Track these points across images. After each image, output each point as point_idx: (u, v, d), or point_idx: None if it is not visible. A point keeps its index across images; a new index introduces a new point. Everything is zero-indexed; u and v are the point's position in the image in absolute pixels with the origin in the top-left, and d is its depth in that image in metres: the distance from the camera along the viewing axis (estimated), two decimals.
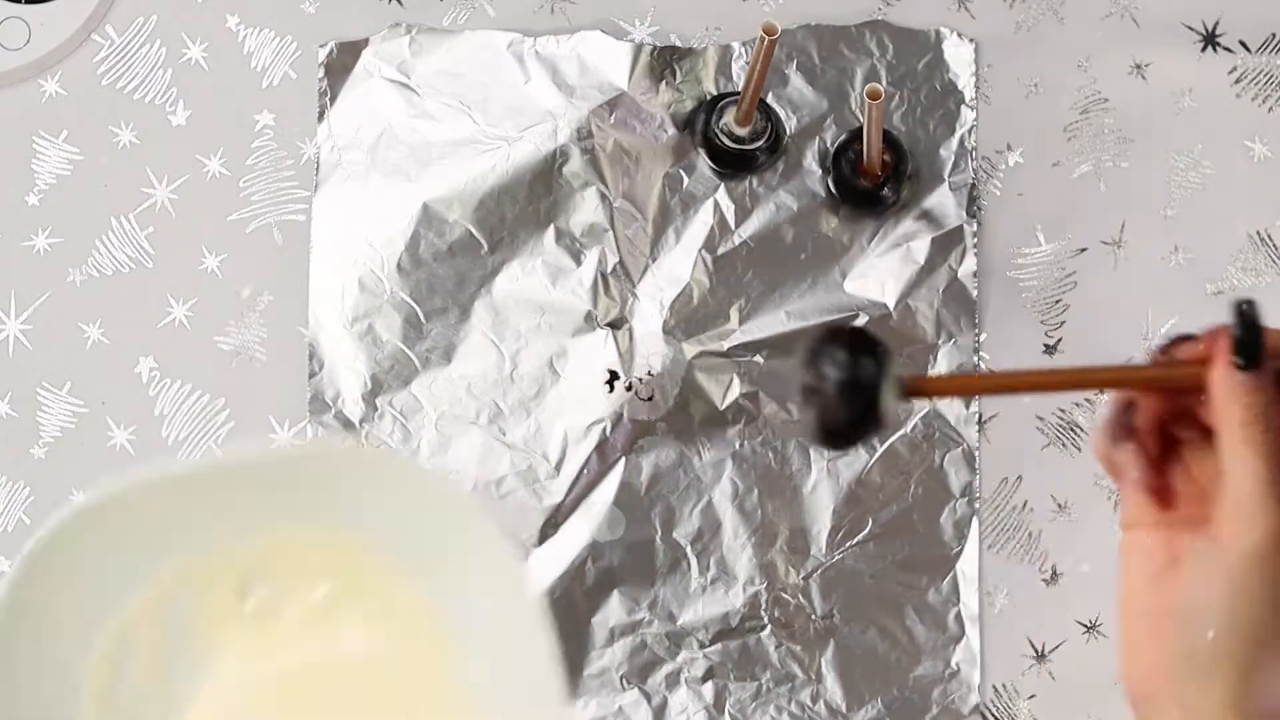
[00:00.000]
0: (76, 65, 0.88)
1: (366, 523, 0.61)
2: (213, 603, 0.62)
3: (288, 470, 0.61)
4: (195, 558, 0.61)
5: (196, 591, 0.61)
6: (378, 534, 0.62)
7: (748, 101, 0.82)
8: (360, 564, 0.62)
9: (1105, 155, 0.87)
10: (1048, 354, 0.86)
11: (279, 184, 0.87)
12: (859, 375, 0.52)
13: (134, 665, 0.60)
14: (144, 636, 0.60)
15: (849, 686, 0.84)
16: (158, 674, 0.61)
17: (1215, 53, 0.88)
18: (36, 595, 0.57)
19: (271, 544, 0.62)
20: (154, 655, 0.60)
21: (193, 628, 0.61)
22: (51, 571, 0.57)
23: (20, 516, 0.85)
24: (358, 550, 0.62)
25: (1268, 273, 0.87)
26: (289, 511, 0.61)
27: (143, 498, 0.59)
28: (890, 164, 0.85)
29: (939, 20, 0.88)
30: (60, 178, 0.87)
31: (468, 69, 0.87)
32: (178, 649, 0.61)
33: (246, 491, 0.60)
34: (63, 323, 0.86)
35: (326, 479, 0.61)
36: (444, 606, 0.62)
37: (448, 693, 0.62)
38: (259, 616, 0.62)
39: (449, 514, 0.60)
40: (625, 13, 0.88)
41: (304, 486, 0.61)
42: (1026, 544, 0.85)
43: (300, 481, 0.61)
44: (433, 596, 0.62)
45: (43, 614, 0.58)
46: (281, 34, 0.88)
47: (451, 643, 0.62)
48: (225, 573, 0.62)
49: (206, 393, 0.86)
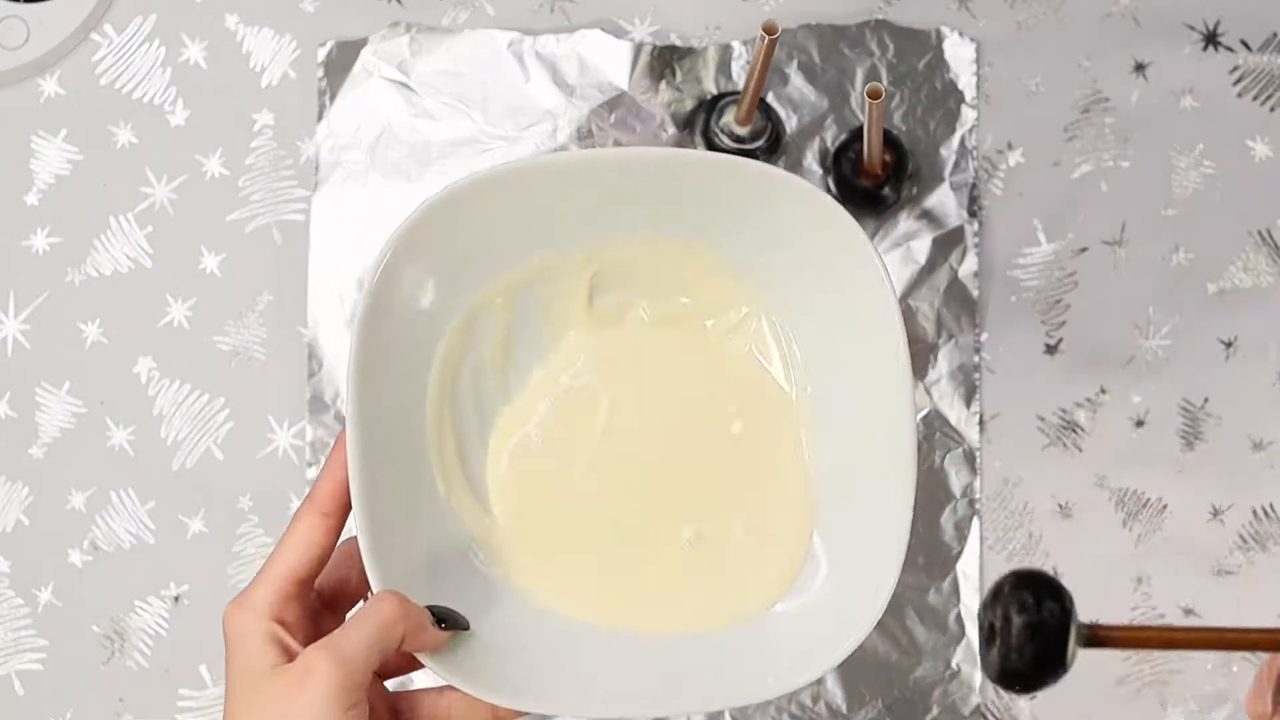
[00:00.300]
0: (75, 65, 0.88)
1: (736, 243, 0.65)
2: (564, 298, 0.66)
3: (671, 177, 0.63)
4: (560, 252, 0.65)
5: (552, 285, 0.66)
6: (745, 255, 0.65)
7: (748, 101, 0.82)
8: (714, 283, 0.66)
9: (1106, 155, 0.87)
10: (1048, 354, 0.86)
11: (278, 184, 0.87)
12: (1044, 619, 0.54)
13: (483, 341, 0.65)
14: (497, 318, 0.65)
15: (849, 687, 0.84)
16: (502, 354, 0.66)
17: (1216, 52, 0.88)
18: (412, 256, 0.61)
19: (635, 252, 0.66)
20: (502, 335, 0.65)
21: (541, 318, 0.66)
22: (428, 238, 0.61)
23: (19, 517, 0.85)
24: (717, 270, 0.66)
25: (1268, 272, 0.86)
26: (661, 219, 0.64)
27: (526, 181, 0.62)
28: (891, 163, 0.84)
29: (940, 20, 0.88)
30: (59, 177, 0.87)
31: (467, 68, 0.87)
32: (524, 335, 0.66)
33: (626, 193, 0.63)
34: (62, 322, 0.86)
35: (706, 192, 0.63)
36: (799, 334, 0.66)
37: (779, 409, 0.67)
38: (603, 317, 0.67)
39: (830, 233, 0.63)
40: (625, 12, 0.88)
41: (683, 198, 0.63)
42: (1027, 544, 0.85)
43: (681, 192, 0.63)
44: (791, 325, 0.66)
45: (414, 278, 0.62)
46: (281, 33, 0.88)
47: (798, 369, 0.67)
48: (583, 271, 0.66)
49: (206, 393, 0.86)
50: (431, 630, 0.58)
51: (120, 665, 0.85)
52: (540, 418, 0.67)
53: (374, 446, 0.60)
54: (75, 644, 0.85)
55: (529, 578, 0.65)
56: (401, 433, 0.63)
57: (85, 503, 0.85)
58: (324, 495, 0.60)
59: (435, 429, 0.64)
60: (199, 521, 0.85)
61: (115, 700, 0.85)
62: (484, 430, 0.66)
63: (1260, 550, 0.85)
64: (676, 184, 0.64)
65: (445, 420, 0.65)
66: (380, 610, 0.56)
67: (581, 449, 0.67)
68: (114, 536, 0.85)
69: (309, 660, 0.55)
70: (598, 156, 0.64)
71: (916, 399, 0.85)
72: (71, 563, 0.85)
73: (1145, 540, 0.85)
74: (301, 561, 0.59)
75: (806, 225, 0.64)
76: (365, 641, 0.55)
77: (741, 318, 0.68)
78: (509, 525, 0.66)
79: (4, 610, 0.85)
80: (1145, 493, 0.85)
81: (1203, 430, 0.86)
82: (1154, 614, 0.85)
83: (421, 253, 0.62)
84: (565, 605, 0.65)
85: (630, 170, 0.63)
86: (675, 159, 0.64)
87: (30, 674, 0.85)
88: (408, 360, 0.63)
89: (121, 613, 0.85)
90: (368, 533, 0.59)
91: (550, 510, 0.66)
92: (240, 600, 0.58)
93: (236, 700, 0.56)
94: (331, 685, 0.54)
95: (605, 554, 0.66)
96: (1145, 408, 0.86)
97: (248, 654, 0.56)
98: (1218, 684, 0.84)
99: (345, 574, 0.62)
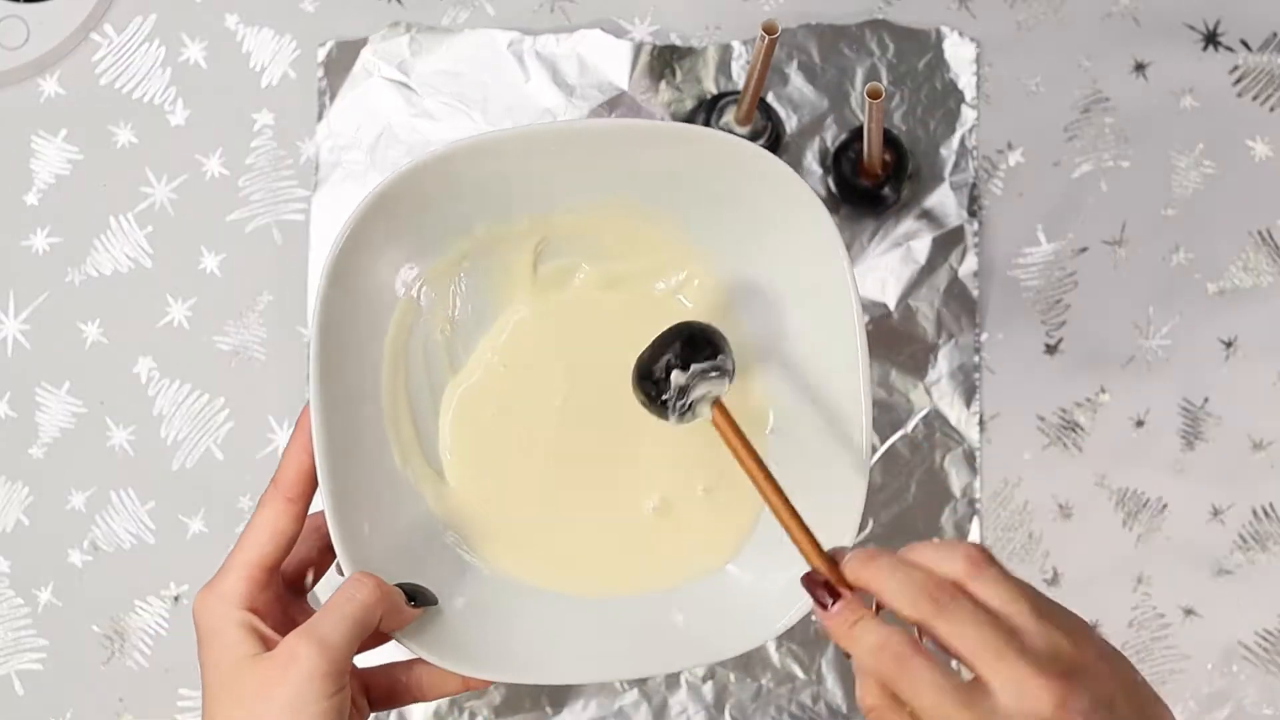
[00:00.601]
0: (75, 64, 0.88)
1: (680, 205, 0.66)
2: (510, 267, 0.67)
3: (611, 146, 0.64)
4: (503, 222, 0.66)
5: (498, 255, 0.67)
6: (689, 216, 0.66)
7: (748, 101, 0.82)
8: (659, 245, 0.67)
9: (1106, 155, 0.87)
10: (1048, 354, 0.86)
11: (278, 184, 0.87)
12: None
13: (432, 315, 0.66)
14: (445, 291, 0.66)
15: (849, 686, 0.84)
16: (450, 326, 0.67)
17: (1216, 52, 0.88)
18: (367, 239, 0.62)
19: (579, 219, 0.67)
20: (450, 308, 0.67)
21: (487, 288, 0.67)
22: (382, 220, 0.62)
23: (19, 517, 0.85)
24: (661, 232, 0.67)
25: (1268, 272, 0.86)
26: (603, 186, 0.66)
27: (474, 157, 0.63)
28: (891, 163, 0.84)
29: (940, 19, 0.88)
30: (59, 177, 0.87)
31: (467, 68, 0.87)
32: (471, 306, 0.67)
33: (569, 163, 0.64)
34: (62, 322, 0.86)
35: (647, 159, 0.64)
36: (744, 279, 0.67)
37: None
38: (548, 284, 0.68)
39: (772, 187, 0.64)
40: (625, 12, 0.88)
41: (624, 165, 0.65)
42: (1027, 544, 0.85)
43: (623, 160, 0.65)
44: (740, 284, 0.67)
45: (369, 259, 0.63)
46: (281, 33, 0.88)
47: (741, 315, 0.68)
48: (527, 240, 0.67)
49: (206, 392, 0.86)
50: (404, 609, 0.59)
51: (120, 665, 0.85)
52: (490, 388, 0.67)
53: (336, 428, 0.61)
54: (75, 644, 0.85)
55: (491, 549, 0.66)
56: (360, 412, 0.63)
57: (85, 503, 0.85)
58: (288, 480, 0.60)
59: (390, 404, 0.65)
60: (199, 521, 0.85)
61: (115, 700, 0.85)
62: (436, 402, 0.67)
63: (1260, 550, 0.85)
64: (618, 152, 0.64)
65: (400, 395, 0.65)
66: (358, 594, 0.56)
67: (535, 417, 0.67)
68: (114, 536, 0.85)
69: (292, 647, 0.55)
70: (541, 130, 0.65)
71: (917, 398, 0.85)
72: (71, 563, 0.85)
73: (1145, 540, 0.85)
74: (270, 549, 0.59)
75: (749, 184, 0.64)
76: (346, 626, 0.55)
77: (684, 278, 0.68)
78: (468, 498, 0.66)
79: (4, 610, 0.85)
80: (1145, 493, 0.85)
81: (1203, 430, 0.86)
82: (1154, 614, 0.85)
83: (375, 234, 0.63)
84: (527, 574, 0.65)
85: (573, 141, 0.64)
86: (614, 129, 0.65)
87: (30, 674, 0.85)
88: (364, 340, 0.64)
89: (121, 613, 0.85)
90: (336, 515, 0.60)
91: (508, 480, 0.67)
92: (211, 589, 0.58)
93: (217, 691, 0.56)
94: (316, 672, 0.54)
95: (565, 521, 0.67)
96: (1145, 408, 0.86)
97: (225, 644, 0.56)
98: (1217, 684, 0.85)
99: (306, 553, 0.62)
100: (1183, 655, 0.85)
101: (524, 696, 0.83)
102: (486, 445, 0.67)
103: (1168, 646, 0.85)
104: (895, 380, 0.85)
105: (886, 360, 0.85)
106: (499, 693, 0.83)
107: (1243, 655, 0.85)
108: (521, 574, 0.65)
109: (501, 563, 0.65)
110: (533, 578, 0.66)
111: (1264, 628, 0.85)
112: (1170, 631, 0.85)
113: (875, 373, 0.85)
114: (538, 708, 0.84)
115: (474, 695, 0.83)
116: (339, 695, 0.55)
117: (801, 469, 0.64)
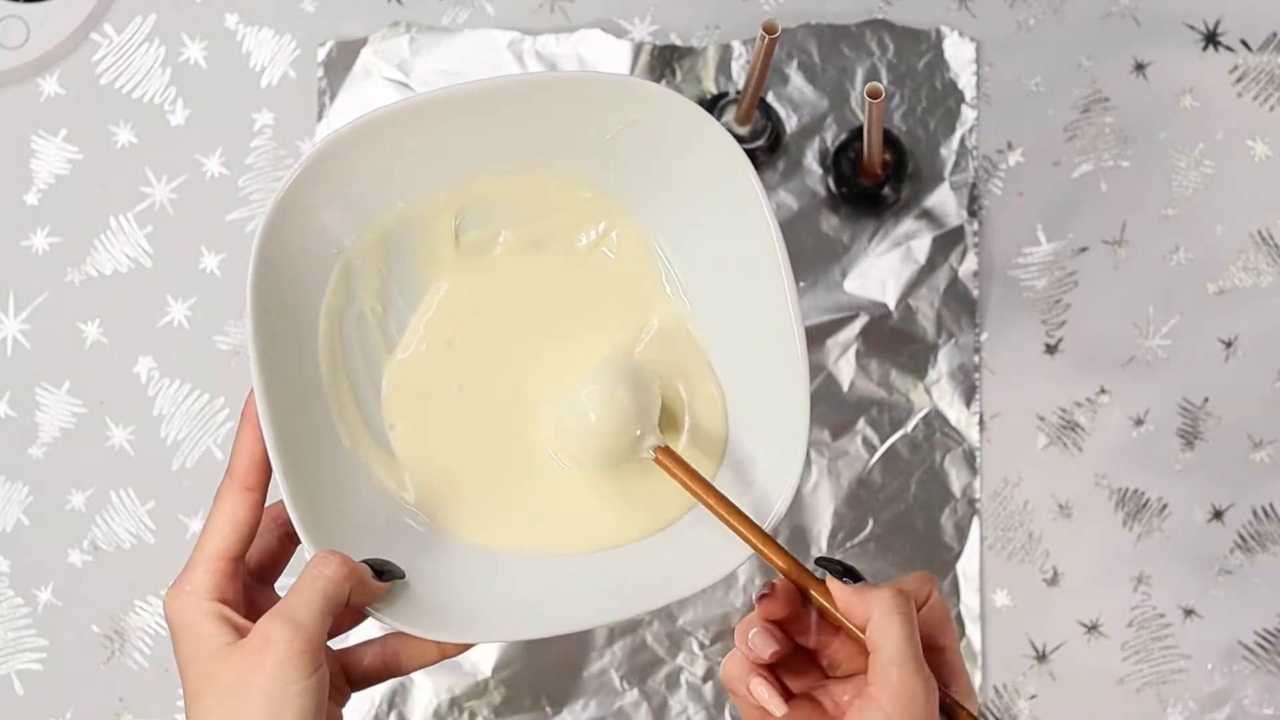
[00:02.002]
0: (75, 64, 0.88)
1: (594, 158, 0.66)
2: (431, 240, 0.67)
3: (517, 103, 0.65)
4: (421, 194, 0.66)
5: (419, 229, 0.67)
6: (605, 169, 0.67)
7: (748, 100, 0.82)
8: (576, 201, 0.68)
9: (1106, 154, 0.87)
10: (1048, 354, 0.86)
11: (278, 184, 0.87)
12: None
13: (361, 293, 0.66)
14: (371, 269, 0.66)
15: None
16: (380, 303, 0.67)
17: (1216, 51, 0.88)
18: (291, 220, 0.63)
19: (495, 183, 0.67)
20: (377, 286, 0.67)
21: (411, 264, 0.67)
22: (303, 200, 0.63)
23: (19, 516, 0.85)
24: (577, 188, 0.67)
25: (1268, 272, 0.86)
26: (515, 147, 0.66)
27: (384, 129, 0.63)
28: (891, 163, 0.84)
29: (939, 19, 0.88)
30: (59, 177, 0.87)
31: (467, 68, 0.87)
32: (398, 282, 0.67)
33: (479, 126, 0.65)
34: (61, 322, 0.86)
35: (555, 114, 0.65)
36: (664, 232, 0.68)
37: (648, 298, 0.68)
38: (471, 253, 0.68)
39: (676, 125, 0.64)
40: (625, 11, 0.88)
41: (533, 123, 0.65)
42: (1027, 544, 0.85)
43: (531, 117, 0.65)
44: (653, 225, 0.68)
45: (293, 240, 0.63)
46: (280, 33, 0.88)
47: (663, 265, 0.68)
48: (446, 211, 0.67)
49: (206, 392, 0.86)
50: (372, 583, 0.59)
51: (120, 665, 0.85)
52: (428, 362, 0.68)
53: (282, 413, 0.61)
54: (75, 644, 0.85)
55: (449, 518, 0.66)
56: (303, 395, 0.64)
57: (85, 503, 0.85)
58: (242, 469, 0.60)
59: (331, 385, 0.65)
60: (199, 521, 0.85)
61: (115, 700, 0.85)
62: (376, 382, 0.67)
63: (1260, 550, 0.85)
64: (525, 110, 0.65)
65: (340, 377, 0.66)
66: (325, 570, 0.57)
67: (474, 386, 0.68)
68: (114, 536, 0.85)
69: (265, 630, 0.54)
70: (445, 94, 0.64)
71: (917, 398, 0.85)
72: (71, 563, 0.85)
73: (1145, 540, 0.85)
74: (232, 540, 0.59)
75: (666, 131, 0.65)
76: (317, 603, 0.55)
77: (603, 230, 0.68)
78: (419, 471, 0.67)
79: (4, 610, 0.85)
80: (1145, 493, 0.85)
81: (1203, 430, 0.86)
82: (1154, 614, 0.85)
83: (298, 214, 0.63)
84: (488, 538, 0.66)
85: (480, 102, 0.64)
86: (516, 85, 0.65)
87: (30, 674, 0.85)
88: (298, 323, 0.64)
89: (121, 613, 0.85)
90: (294, 498, 0.60)
91: (456, 451, 0.67)
92: (179, 586, 0.58)
93: (196, 683, 0.56)
94: (292, 652, 0.54)
95: (516, 485, 0.67)
96: (1145, 408, 0.86)
97: (198, 637, 0.56)
98: (1217, 684, 0.84)
99: (268, 543, 0.62)
100: (1183, 655, 0.85)
101: (524, 696, 0.84)
102: (430, 419, 0.67)
103: (1168, 646, 0.85)
104: (895, 380, 0.85)
105: (886, 360, 0.85)
106: (499, 693, 0.83)
107: (1243, 655, 0.85)
108: (482, 539, 0.66)
109: (461, 531, 0.66)
110: (493, 541, 0.66)
111: (1264, 628, 0.85)
112: (1170, 631, 0.85)
113: (875, 372, 0.85)
114: (537, 707, 0.84)
115: (474, 695, 0.83)
116: (317, 674, 0.55)
117: (745, 396, 0.66)
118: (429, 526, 0.66)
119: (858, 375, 0.85)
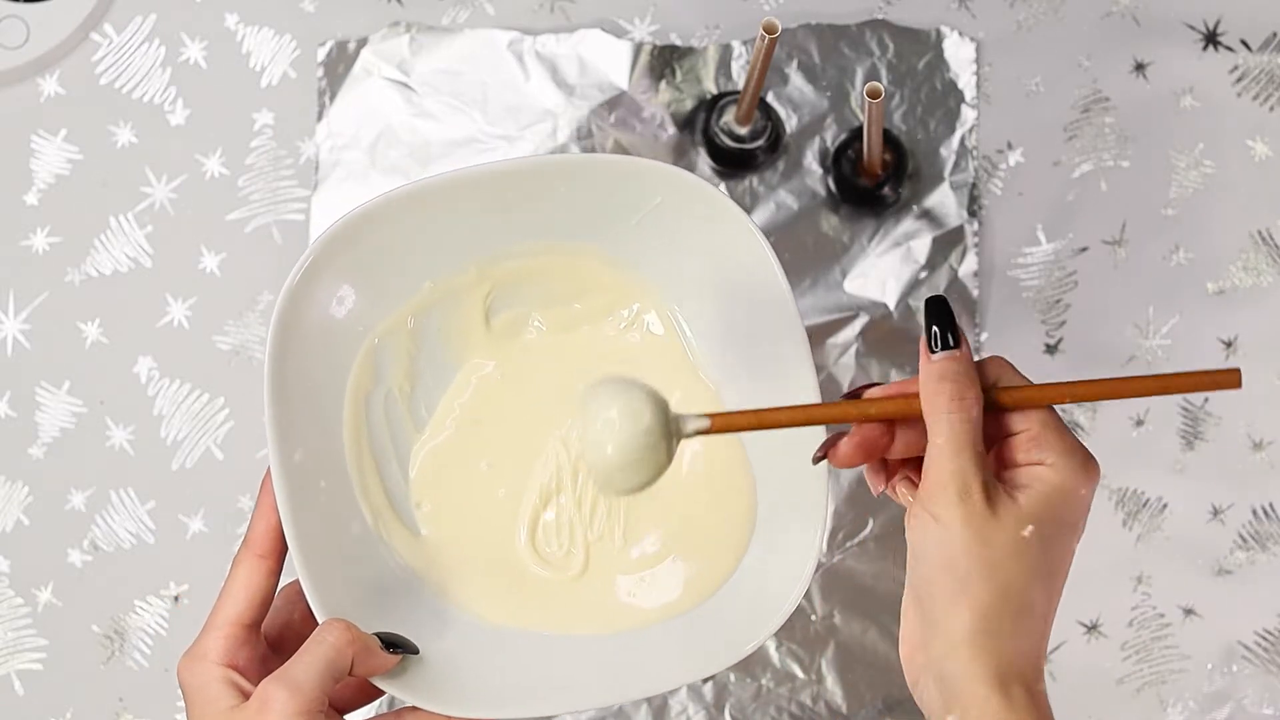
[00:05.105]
0: (75, 64, 0.88)
1: (623, 240, 0.66)
2: (462, 321, 0.68)
3: (546, 184, 0.64)
4: (449, 276, 0.66)
5: (449, 309, 0.67)
6: (633, 250, 0.66)
7: (748, 100, 0.82)
8: (607, 283, 0.68)
9: (1106, 154, 0.87)
10: (1048, 354, 0.86)
11: (278, 183, 0.87)
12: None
13: (389, 373, 0.67)
14: (399, 348, 0.67)
15: (849, 686, 0.84)
16: (409, 383, 0.67)
17: (1216, 51, 0.88)
18: (311, 303, 0.62)
19: (525, 264, 0.67)
20: (406, 365, 0.67)
21: (442, 343, 0.68)
22: (328, 269, 0.63)
23: (19, 516, 0.85)
24: (607, 270, 0.67)
25: (1268, 272, 0.86)
26: (546, 227, 0.66)
27: (412, 206, 0.63)
28: (891, 163, 0.84)
29: (939, 19, 0.88)
30: (59, 177, 0.87)
31: (467, 68, 0.87)
32: (427, 362, 0.68)
33: (508, 205, 0.65)
34: (61, 322, 0.86)
35: (584, 195, 0.65)
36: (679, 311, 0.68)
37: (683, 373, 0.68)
38: (501, 335, 0.68)
39: (705, 211, 0.64)
40: (625, 11, 0.88)
41: (562, 203, 0.65)
42: None
43: (560, 197, 0.65)
44: (674, 303, 0.68)
45: (314, 319, 0.63)
46: (280, 33, 0.88)
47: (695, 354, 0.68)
48: (476, 291, 0.67)
49: (205, 392, 0.86)
50: (380, 654, 0.59)
51: (120, 665, 0.85)
52: (460, 445, 0.68)
53: (300, 485, 0.61)
54: (75, 644, 0.85)
55: (468, 595, 0.66)
56: (325, 469, 0.64)
57: (85, 503, 0.85)
58: (259, 538, 0.61)
59: (355, 462, 0.65)
60: (199, 521, 0.85)
61: (115, 700, 0.85)
62: (402, 460, 0.67)
63: (1260, 550, 0.85)
64: (553, 190, 0.64)
65: (364, 453, 0.66)
66: (329, 637, 0.57)
67: (503, 467, 0.68)
68: (114, 536, 0.85)
69: (264, 693, 0.55)
70: (473, 173, 0.64)
71: None
72: (71, 563, 0.85)
73: (1145, 540, 0.85)
74: (245, 606, 0.60)
75: (687, 212, 0.65)
76: (316, 668, 0.56)
77: (636, 311, 0.68)
78: (441, 549, 0.67)
79: (4, 610, 0.85)
80: (1145, 493, 0.85)
81: (1203, 430, 0.86)
82: (1154, 614, 0.85)
83: (317, 293, 0.63)
84: (506, 617, 0.66)
85: (507, 182, 0.64)
86: (544, 166, 0.65)
87: (30, 674, 0.85)
88: (322, 400, 0.64)
89: (121, 613, 0.85)
90: (305, 568, 0.60)
91: (483, 530, 0.67)
92: (192, 652, 0.59)
93: None
94: (288, 714, 0.55)
95: (539, 567, 0.67)
96: (1145, 408, 0.86)
97: (206, 700, 0.57)
98: (1217, 684, 0.84)
99: (288, 617, 0.63)
100: (1183, 655, 0.85)
101: None
102: (457, 497, 0.67)
103: (1168, 646, 0.85)
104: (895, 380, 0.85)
105: (887, 360, 0.85)
106: None
107: (1243, 655, 0.85)
108: (500, 618, 0.66)
109: (478, 607, 0.66)
110: (511, 620, 0.66)
111: (1264, 628, 0.85)
112: (1170, 631, 0.85)
113: (875, 372, 0.85)
114: None
115: None
116: None
117: (773, 498, 0.66)
118: (446, 602, 0.66)
119: (858, 375, 0.85)
